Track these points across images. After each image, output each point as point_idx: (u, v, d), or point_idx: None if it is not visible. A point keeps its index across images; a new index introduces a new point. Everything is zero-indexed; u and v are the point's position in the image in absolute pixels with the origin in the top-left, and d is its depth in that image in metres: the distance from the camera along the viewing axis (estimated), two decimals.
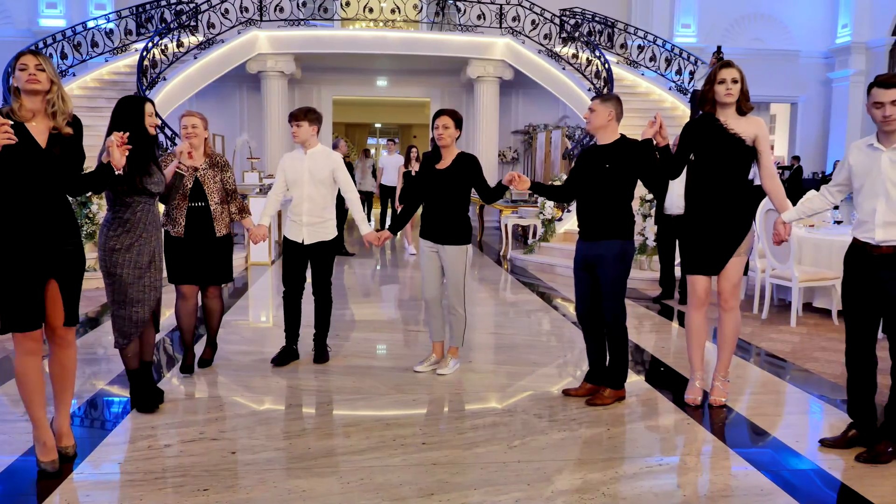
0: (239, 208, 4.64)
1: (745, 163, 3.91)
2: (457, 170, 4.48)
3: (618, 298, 4.05)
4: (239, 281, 8.25)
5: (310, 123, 4.69)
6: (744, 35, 16.20)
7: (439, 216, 4.53)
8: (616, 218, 4.01)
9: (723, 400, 4.13)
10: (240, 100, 14.82)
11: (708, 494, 3.04)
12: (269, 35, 12.73)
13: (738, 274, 4.01)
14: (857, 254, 3.40)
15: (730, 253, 3.95)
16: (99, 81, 12.08)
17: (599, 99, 4.12)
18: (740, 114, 3.89)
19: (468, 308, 4.68)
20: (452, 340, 4.69)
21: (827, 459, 3.39)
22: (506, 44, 13.18)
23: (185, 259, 4.45)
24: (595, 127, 4.07)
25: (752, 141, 3.88)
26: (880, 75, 3.27)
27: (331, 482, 3.10)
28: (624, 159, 3.98)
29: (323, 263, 4.85)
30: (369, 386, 4.42)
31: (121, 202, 3.71)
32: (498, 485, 3.09)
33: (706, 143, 3.92)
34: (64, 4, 14.24)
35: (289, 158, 4.83)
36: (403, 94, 15.86)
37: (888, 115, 3.19)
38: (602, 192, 4.02)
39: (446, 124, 4.45)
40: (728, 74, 3.83)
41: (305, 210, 4.72)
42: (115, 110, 3.73)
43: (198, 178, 4.44)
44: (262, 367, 4.78)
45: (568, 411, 4.01)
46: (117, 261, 3.68)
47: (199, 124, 4.46)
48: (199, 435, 3.62)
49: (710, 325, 5.20)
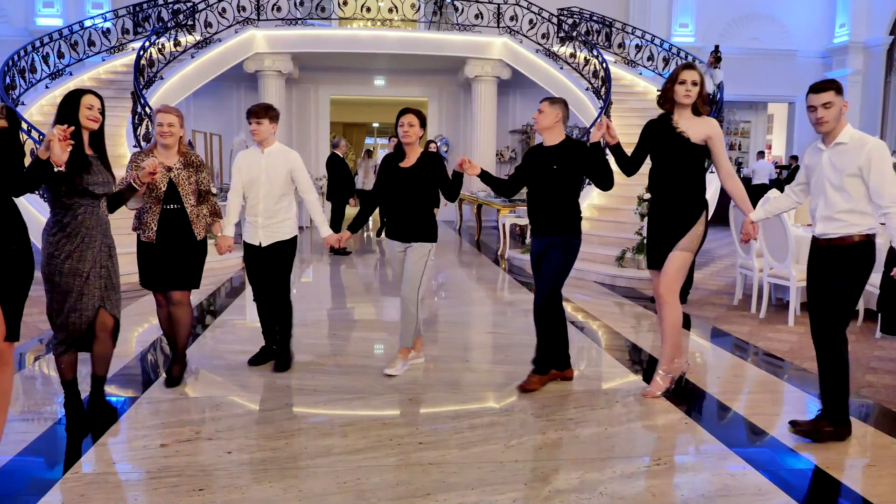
0: (211, 211, 4.38)
1: (690, 162, 4.05)
2: (422, 168, 4.48)
3: (554, 288, 4.21)
4: (236, 280, 8.23)
5: (270, 121, 4.54)
6: (742, 35, 16.20)
7: (407, 215, 4.50)
8: (563, 215, 4.19)
9: (657, 393, 4.20)
10: (237, 99, 14.79)
11: (706, 494, 3.03)
12: (266, 34, 12.71)
13: (675, 268, 4.10)
14: (811, 246, 3.69)
15: (670, 247, 4.09)
16: (96, 81, 12.03)
17: (548, 101, 4.28)
18: (696, 114, 4.05)
19: (419, 310, 4.61)
20: (403, 340, 4.64)
21: (825, 459, 3.39)
22: (503, 43, 13.18)
23: (157, 265, 4.20)
24: (542, 127, 4.23)
25: (701, 141, 4.02)
26: (815, 82, 3.55)
27: (327, 482, 3.08)
28: (570, 160, 4.15)
29: (281, 265, 4.64)
30: (366, 385, 4.41)
31: (61, 204, 3.48)
32: (495, 485, 3.07)
33: (658, 143, 4.11)
34: (61, 3, 14.20)
35: (244, 158, 4.64)
36: (401, 93, 15.85)
37: (820, 116, 3.46)
38: (550, 191, 4.18)
39: (411, 122, 4.44)
40: (689, 76, 4.00)
41: (261, 211, 4.55)
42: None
43: (172, 180, 4.17)
44: (257, 367, 4.76)
45: (565, 411, 4.00)
46: (56, 267, 3.47)
47: (175, 122, 4.18)
48: (194, 434, 3.60)
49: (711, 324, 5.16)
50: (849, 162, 3.43)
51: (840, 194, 3.46)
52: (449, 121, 15.58)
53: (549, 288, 4.21)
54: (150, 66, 11.33)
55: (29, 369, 4.83)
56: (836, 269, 3.50)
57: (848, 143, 3.46)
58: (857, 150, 3.42)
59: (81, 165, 3.45)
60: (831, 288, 3.51)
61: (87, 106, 3.50)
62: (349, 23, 13.67)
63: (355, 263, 9.76)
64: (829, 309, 3.52)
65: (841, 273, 3.49)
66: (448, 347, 5.43)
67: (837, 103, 3.44)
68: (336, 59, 13.74)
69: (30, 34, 13.37)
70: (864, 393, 4.38)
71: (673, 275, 4.11)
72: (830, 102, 3.44)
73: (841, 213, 3.46)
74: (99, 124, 3.58)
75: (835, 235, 3.50)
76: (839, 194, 3.47)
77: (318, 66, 14.30)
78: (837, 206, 3.47)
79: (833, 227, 3.50)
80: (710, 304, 7.02)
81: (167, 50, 11.87)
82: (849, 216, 3.46)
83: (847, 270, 3.49)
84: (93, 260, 3.55)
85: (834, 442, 3.53)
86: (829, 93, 3.44)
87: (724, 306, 6.95)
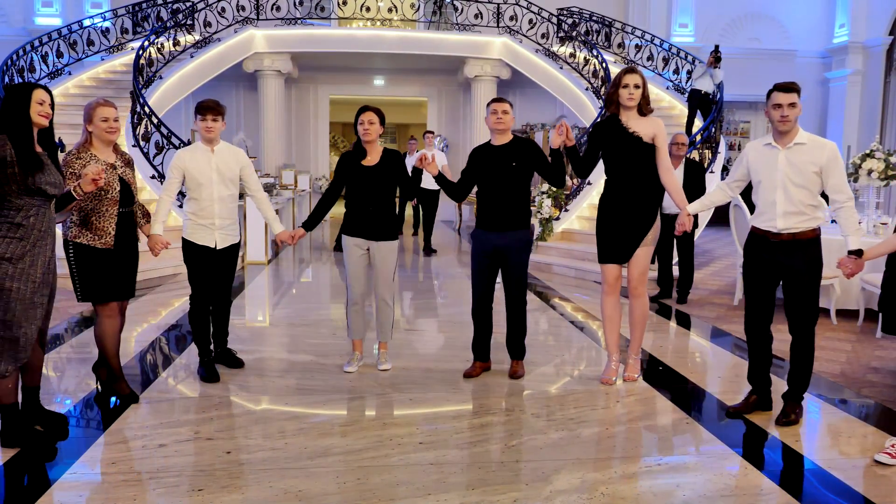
0: (142, 212, 4.10)
1: (647, 161, 4.26)
2: (385, 166, 4.50)
3: (524, 282, 4.48)
4: (236, 280, 8.21)
5: (222, 118, 4.36)
6: (741, 34, 16.18)
7: (370, 213, 4.50)
8: (521, 210, 4.39)
9: (636, 376, 4.49)
10: (236, 99, 14.77)
11: (706, 494, 3.02)
12: (265, 34, 12.70)
13: (645, 263, 4.36)
14: (758, 241, 3.84)
15: (637, 243, 4.29)
16: (95, 80, 12.01)
17: (506, 103, 4.49)
18: (641, 115, 4.27)
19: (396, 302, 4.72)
20: (385, 335, 4.72)
21: (826, 459, 3.38)
22: (503, 43, 13.16)
23: (115, 273, 3.88)
24: (507, 128, 4.43)
25: (650, 139, 4.24)
26: (779, 82, 3.73)
27: (327, 482, 3.07)
28: (527, 157, 4.35)
29: (232, 267, 4.54)
30: (366, 385, 4.40)
31: (11, 205, 3.20)
32: (495, 485, 3.06)
33: (610, 143, 4.30)
34: (60, 3, 14.16)
35: (190, 157, 4.32)
36: (400, 93, 15.83)
37: (785, 115, 3.65)
38: (510, 187, 4.35)
39: (371, 120, 4.44)
40: (631, 80, 4.20)
41: (217, 212, 4.32)
42: None
43: (124, 180, 3.87)
44: (257, 367, 4.75)
45: (566, 411, 3.99)
46: (7, 272, 3.18)
47: (118, 117, 3.87)
48: (193, 434, 3.59)
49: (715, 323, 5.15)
50: (809, 161, 3.66)
51: (802, 191, 3.68)
52: (448, 121, 15.57)
53: (523, 283, 4.47)
54: (149, 65, 11.31)
55: None
56: (804, 260, 3.72)
57: (807, 144, 3.70)
58: (818, 151, 3.68)
59: (34, 164, 3.20)
60: (806, 281, 3.72)
61: (39, 101, 3.24)
62: (348, 22, 13.65)
63: None
64: (810, 298, 3.74)
65: (810, 263, 3.73)
66: (448, 347, 5.42)
67: (799, 105, 3.67)
68: (335, 59, 13.72)
69: (28, 34, 13.33)
70: (865, 392, 4.37)
71: (644, 269, 4.37)
72: (795, 104, 3.66)
73: (807, 208, 3.70)
74: (49, 120, 3.32)
75: (799, 229, 3.71)
76: (802, 190, 3.68)
77: (318, 66, 14.28)
78: (803, 201, 3.69)
79: (797, 220, 3.71)
80: (710, 304, 7.01)
81: (166, 49, 11.84)
82: (812, 210, 3.72)
83: (815, 260, 3.74)
84: (44, 264, 3.31)
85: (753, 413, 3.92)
86: (795, 94, 3.67)
87: (724, 306, 6.94)
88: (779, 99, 3.66)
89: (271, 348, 5.19)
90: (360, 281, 4.61)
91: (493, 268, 4.49)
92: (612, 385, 4.39)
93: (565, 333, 5.92)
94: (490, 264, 4.48)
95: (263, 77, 13.08)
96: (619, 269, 4.40)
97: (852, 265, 3.63)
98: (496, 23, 13.19)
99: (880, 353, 5.27)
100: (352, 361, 4.69)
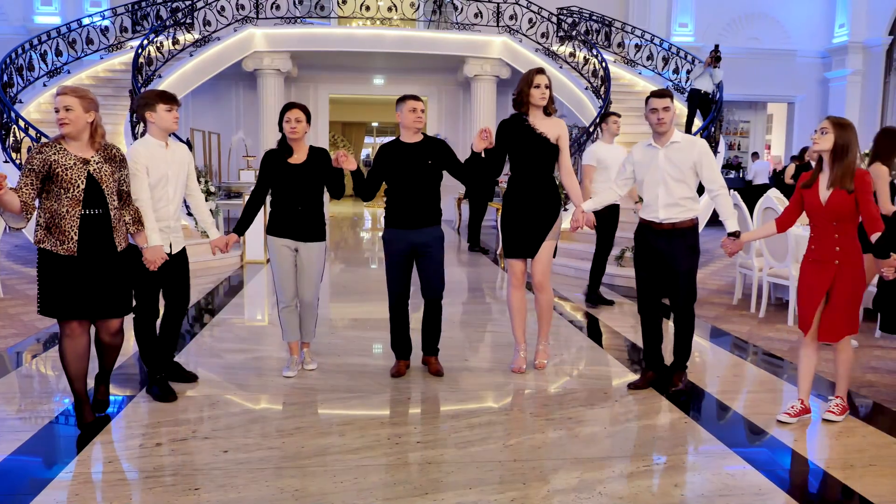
0: (134, 217, 3.72)
1: (551, 160, 4.48)
2: (313, 164, 4.41)
3: (442, 277, 4.56)
4: (235, 279, 8.21)
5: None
6: (741, 34, 16.18)
7: (299, 212, 4.39)
8: (435, 207, 4.50)
9: (545, 362, 4.73)
10: (236, 98, 14.76)
11: (705, 494, 3.01)
12: (265, 33, 12.69)
13: (548, 257, 4.54)
14: (644, 230, 4.25)
15: (541, 238, 4.48)
16: (94, 79, 12.00)
17: (420, 101, 4.58)
18: (546, 115, 4.45)
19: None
20: (309, 336, 4.68)
21: (826, 458, 3.37)
22: (503, 42, 13.15)
23: (81, 286, 3.43)
24: (423, 126, 4.52)
25: (555, 140, 4.43)
26: (654, 90, 4.22)
27: (324, 481, 3.06)
28: (440, 156, 4.44)
29: (188, 272, 4.21)
30: (364, 384, 4.39)
31: None
32: (493, 484, 3.05)
33: (517, 142, 4.45)
34: (59, 1, 14.15)
35: (147, 153, 3.91)
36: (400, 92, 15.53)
37: (661, 118, 4.06)
38: (424, 185, 4.42)
39: (298, 118, 4.34)
40: (542, 80, 4.39)
41: (173, 213, 4.04)
42: None
43: (92, 176, 3.43)
44: (254, 366, 4.74)
45: (564, 410, 3.98)
46: None
47: (74, 104, 3.39)
48: (190, 434, 3.58)
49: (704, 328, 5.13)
50: (685, 158, 4.08)
51: (680, 185, 4.10)
52: (448, 120, 15.55)
53: (442, 279, 4.56)
54: (148, 64, 11.31)
55: (26, 368, 4.80)
56: (683, 246, 4.12)
57: (681, 142, 4.12)
58: (690, 148, 4.11)
59: None
60: (684, 265, 4.13)
61: None
62: (348, 21, 13.64)
63: (355, 262, 9.73)
64: (689, 280, 4.16)
65: (687, 249, 4.14)
66: (447, 347, 5.40)
67: (673, 109, 4.10)
68: (335, 58, 13.71)
69: (28, 32, 13.33)
70: (864, 392, 4.36)
71: (549, 263, 4.55)
72: (669, 107, 4.07)
73: (683, 200, 4.10)
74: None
75: (678, 219, 4.11)
76: (680, 185, 4.10)
77: (317, 65, 14.26)
78: (680, 194, 4.09)
79: (676, 211, 4.11)
80: (710, 304, 7.00)
81: (166, 48, 11.84)
82: (688, 202, 4.12)
83: (692, 246, 4.16)
84: None
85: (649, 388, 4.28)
86: (668, 99, 4.10)
87: (724, 306, 6.93)
88: (655, 104, 4.07)
89: (269, 348, 5.18)
90: (290, 282, 4.48)
91: (408, 266, 4.52)
92: (523, 373, 4.58)
93: (564, 333, 5.91)
94: (406, 262, 4.50)
95: (263, 76, 13.07)
96: (525, 263, 4.60)
97: (731, 245, 4.04)
98: (496, 22, 13.18)
99: (879, 353, 5.26)
100: (290, 365, 4.58)
